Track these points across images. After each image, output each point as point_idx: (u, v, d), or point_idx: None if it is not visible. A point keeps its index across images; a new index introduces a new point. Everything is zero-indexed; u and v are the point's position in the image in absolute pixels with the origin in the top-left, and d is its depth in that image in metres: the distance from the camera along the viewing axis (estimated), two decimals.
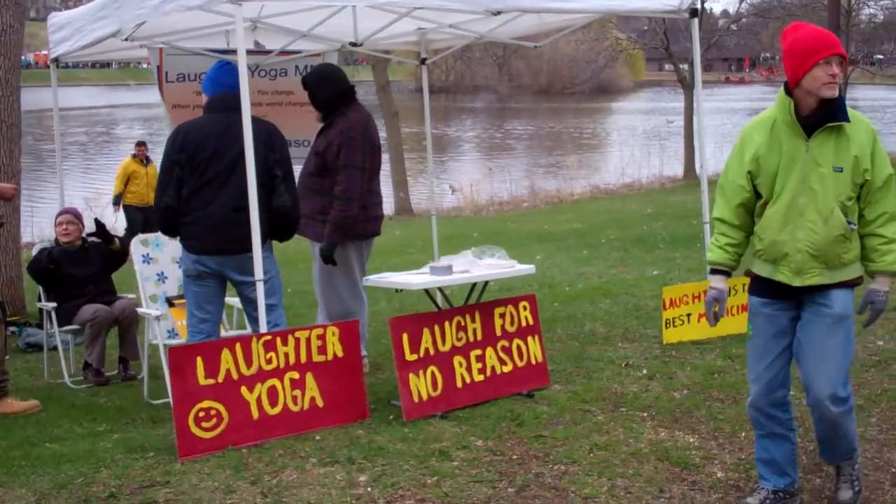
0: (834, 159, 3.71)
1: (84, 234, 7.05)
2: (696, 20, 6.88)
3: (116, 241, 7.02)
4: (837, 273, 3.80)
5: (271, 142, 5.41)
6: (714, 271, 3.99)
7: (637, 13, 7.45)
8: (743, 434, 4.90)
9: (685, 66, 26.37)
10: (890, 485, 4.35)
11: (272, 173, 5.37)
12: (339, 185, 5.99)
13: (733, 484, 4.36)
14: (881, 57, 52.25)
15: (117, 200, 13.87)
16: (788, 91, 3.76)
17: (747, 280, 6.91)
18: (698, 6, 6.85)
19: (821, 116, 3.71)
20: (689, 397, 5.58)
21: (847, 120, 3.73)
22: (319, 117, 6.26)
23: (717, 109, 49.75)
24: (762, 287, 3.93)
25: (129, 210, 13.71)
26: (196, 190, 5.34)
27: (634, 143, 33.17)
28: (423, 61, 8.28)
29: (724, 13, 63.38)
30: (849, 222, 3.76)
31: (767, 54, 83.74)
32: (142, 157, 13.65)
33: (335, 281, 6.20)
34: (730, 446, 4.79)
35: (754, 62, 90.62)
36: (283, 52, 7.51)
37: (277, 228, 5.51)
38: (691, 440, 4.87)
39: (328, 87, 6.17)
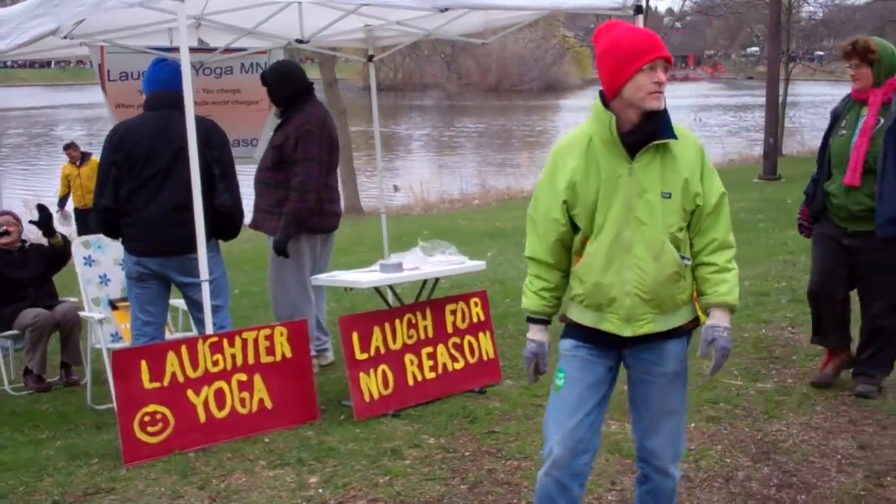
0: (662, 184, 3.13)
1: (30, 220, 6.90)
2: (640, 17, 6.90)
3: (59, 235, 6.85)
4: (672, 317, 3.22)
5: (209, 140, 5.33)
6: (531, 320, 3.38)
7: (582, 10, 7.48)
8: (693, 425, 4.93)
9: None
10: (836, 471, 4.41)
11: (210, 171, 5.31)
12: (297, 177, 6.03)
13: (683, 474, 4.34)
14: (821, 53, 53.24)
15: (61, 203, 13.83)
16: (605, 103, 3.15)
17: None
18: (643, 3, 6.87)
19: (645, 133, 3.11)
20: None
21: (674, 136, 3.14)
22: (278, 113, 6.33)
23: None
24: (581, 333, 3.32)
25: (75, 212, 13.73)
26: (134, 190, 5.27)
27: None
28: (370, 58, 8.22)
29: (669, 11, 64.14)
30: (682, 257, 3.19)
31: (711, 52, 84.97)
32: (73, 160, 13.60)
33: (286, 277, 6.17)
34: None
35: (699, 60, 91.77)
36: (227, 50, 7.41)
37: (220, 228, 5.44)
38: None
39: (288, 84, 6.24)
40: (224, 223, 5.44)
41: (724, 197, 3.23)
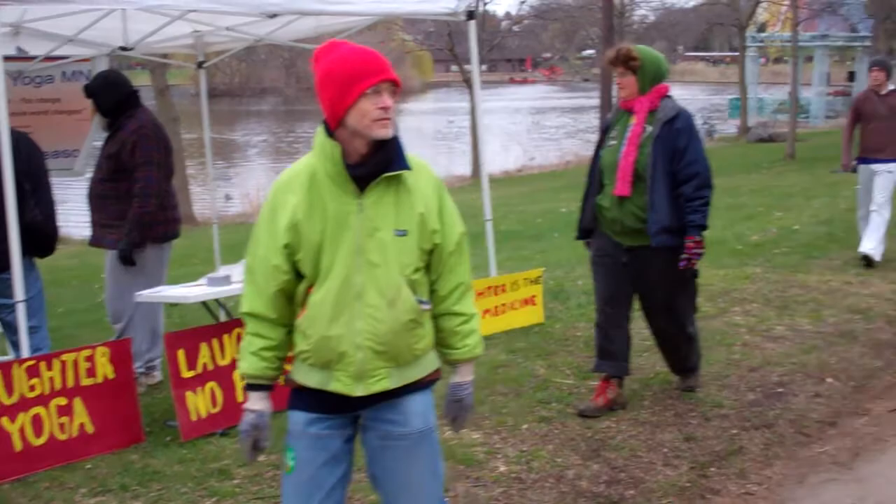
0: (396, 220, 2.81)
1: None
2: (473, 22, 6.99)
3: None
4: (410, 371, 2.90)
5: (18, 152, 5.05)
6: (250, 387, 2.95)
7: (414, 16, 7.50)
8: (525, 426, 5.01)
9: (469, 67, 26.94)
10: (662, 465, 4.56)
11: (21, 186, 5.03)
12: (138, 183, 5.82)
13: (515, 476, 4.45)
14: None
15: None
16: (329, 132, 2.82)
17: (534, 273, 7.24)
18: (475, 8, 6.96)
19: (374, 165, 2.79)
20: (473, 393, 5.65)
21: (407, 167, 2.83)
22: (105, 124, 6.09)
23: (504, 108, 51.29)
24: (307, 399, 2.93)
25: None
26: None
27: (422, 143, 33.61)
28: (200, 64, 8.01)
29: (507, 15, 65.40)
30: (420, 302, 2.87)
31: (548, 55, 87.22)
32: None
33: (131, 290, 5.90)
34: (512, 439, 4.87)
35: (536, 62, 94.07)
36: (48, 58, 7.08)
37: (33, 245, 5.15)
38: (476, 436, 4.92)
39: (114, 93, 6.02)
40: (37, 240, 5.16)
41: (464, 236, 2.98)
